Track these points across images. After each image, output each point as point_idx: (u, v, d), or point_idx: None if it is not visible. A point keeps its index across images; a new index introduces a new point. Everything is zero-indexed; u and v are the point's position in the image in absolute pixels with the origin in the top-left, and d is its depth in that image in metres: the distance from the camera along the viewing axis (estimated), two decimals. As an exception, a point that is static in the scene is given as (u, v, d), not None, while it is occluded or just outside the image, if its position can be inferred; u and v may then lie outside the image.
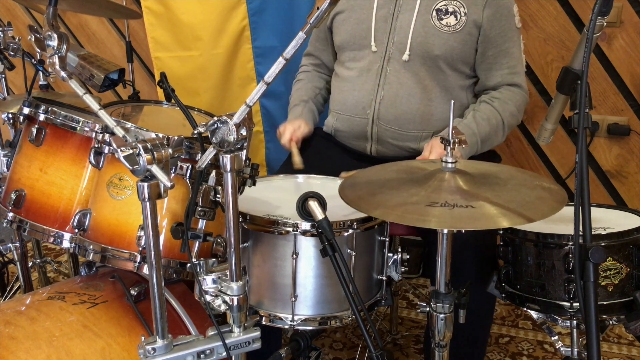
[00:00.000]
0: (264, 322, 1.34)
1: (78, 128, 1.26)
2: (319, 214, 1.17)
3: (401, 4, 1.76)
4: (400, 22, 1.75)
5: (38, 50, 1.14)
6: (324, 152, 1.90)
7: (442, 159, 1.24)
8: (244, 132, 0.98)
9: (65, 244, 1.26)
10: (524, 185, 1.23)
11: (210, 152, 1.04)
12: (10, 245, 2.01)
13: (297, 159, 1.78)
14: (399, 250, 1.42)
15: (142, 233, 1.19)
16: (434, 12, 1.72)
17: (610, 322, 1.38)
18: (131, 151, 0.91)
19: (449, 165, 1.23)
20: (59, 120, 1.27)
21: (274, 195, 1.54)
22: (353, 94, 1.82)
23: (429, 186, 1.19)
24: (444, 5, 1.72)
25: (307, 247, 1.31)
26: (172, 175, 1.18)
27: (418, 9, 1.73)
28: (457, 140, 1.21)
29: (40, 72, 2.06)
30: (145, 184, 0.92)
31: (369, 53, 1.79)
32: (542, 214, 1.10)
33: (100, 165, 1.24)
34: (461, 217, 1.08)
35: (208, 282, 1.07)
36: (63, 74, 1.11)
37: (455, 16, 1.70)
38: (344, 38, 1.85)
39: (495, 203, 1.13)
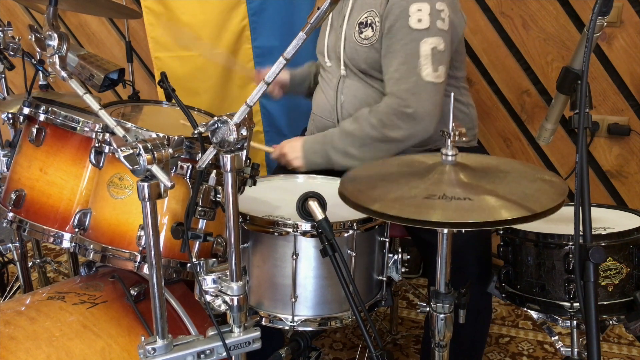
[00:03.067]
0: (264, 323, 1.34)
1: (78, 128, 1.26)
2: (319, 214, 1.17)
3: (344, 14, 1.76)
4: (341, 33, 1.76)
5: (38, 50, 1.14)
6: None
7: (441, 151, 1.23)
8: (244, 132, 0.98)
9: (65, 244, 1.26)
10: (524, 178, 1.22)
11: (211, 152, 1.04)
12: (10, 245, 2.01)
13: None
14: (399, 250, 1.42)
15: (142, 233, 1.19)
16: (357, 25, 1.69)
17: (611, 322, 1.38)
18: (131, 151, 0.91)
19: (449, 158, 1.23)
20: (59, 121, 1.27)
21: (274, 195, 1.54)
22: (322, 97, 1.86)
23: (428, 179, 1.18)
24: (365, 18, 1.67)
25: (307, 248, 1.31)
26: (172, 175, 1.17)
27: (347, 24, 1.73)
28: (457, 133, 1.21)
29: (40, 72, 2.06)
30: (146, 184, 0.92)
31: (327, 64, 1.85)
32: (542, 206, 1.09)
33: (101, 165, 1.24)
34: (459, 210, 1.07)
35: (208, 282, 1.07)
36: (63, 73, 1.11)
37: (372, 27, 1.65)
38: (317, 49, 1.92)
39: (495, 195, 1.12)
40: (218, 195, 1.15)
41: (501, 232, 1.44)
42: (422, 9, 1.56)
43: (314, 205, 1.18)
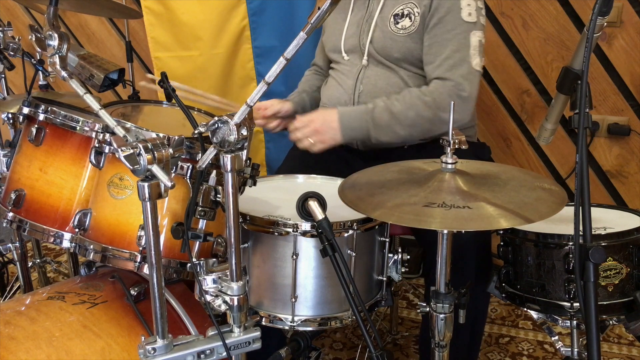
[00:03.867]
0: (264, 323, 1.34)
1: (78, 128, 1.26)
2: (319, 214, 1.17)
3: (371, 9, 1.82)
4: (369, 26, 1.81)
5: (38, 50, 1.14)
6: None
7: (441, 159, 1.24)
8: (244, 132, 0.98)
9: (65, 243, 1.26)
10: (524, 186, 1.23)
11: (211, 152, 1.04)
12: (10, 245, 2.01)
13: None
14: (399, 250, 1.42)
15: (142, 233, 1.19)
16: (392, 17, 1.77)
17: (611, 322, 1.38)
18: (132, 151, 0.91)
19: (449, 166, 1.23)
20: (58, 120, 1.27)
21: (274, 196, 1.54)
22: (337, 89, 1.88)
23: (428, 187, 1.19)
24: (401, 9, 1.76)
25: (307, 248, 1.31)
26: (173, 175, 1.17)
27: (378, 17, 1.79)
28: (457, 142, 1.21)
29: (40, 72, 2.06)
30: (146, 184, 0.92)
31: (344, 58, 1.88)
32: (540, 215, 1.10)
33: (101, 165, 1.24)
34: (458, 218, 1.08)
35: (208, 282, 1.07)
36: (63, 73, 1.11)
37: (410, 17, 1.73)
38: (327, 47, 1.96)
39: (494, 204, 1.13)
40: (218, 195, 1.15)
41: (501, 232, 1.44)
42: (471, 4, 1.70)
43: (314, 205, 1.18)
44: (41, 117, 1.29)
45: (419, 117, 1.68)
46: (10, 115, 1.41)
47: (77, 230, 1.25)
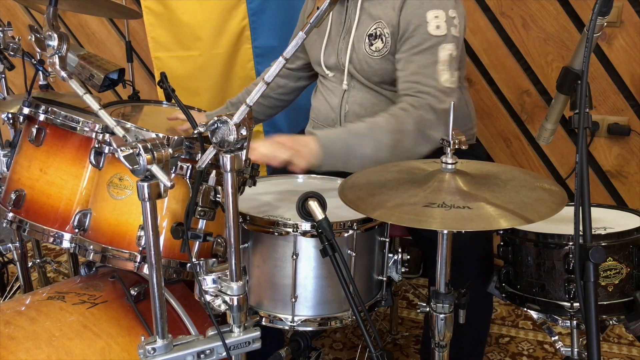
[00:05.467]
0: (264, 323, 1.35)
1: (78, 128, 1.26)
2: (319, 214, 1.17)
3: (349, 25, 1.73)
4: (346, 45, 1.72)
5: (38, 50, 1.14)
6: None
7: (441, 159, 1.24)
8: (244, 132, 0.98)
9: (65, 244, 1.26)
10: (524, 186, 1.23)
11: (211, 152, 1.04)
12: (10, 245, 2.01)
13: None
14: (399, 250, 1.42)
15: (142, 233, 1.19)
16: (367, 37, 1.68)
17: (611, 322, 1.38)
18: (131, 151, 0.91)
19: (449, 166, 1.23)
20: (59, 120, 1.27)
21: (274, 196, 1.54)
22: (324, 105, 1.83)
23: (428, 187, 1.19)
24: (374, 29, 1.67)
25: (307, 248, 1.31)
26: (172, 175, 1.17)
27: (354, 36, 1.70)
28: (457, 142, 1.21)
29: (40, 72, 2.06)
30: (145, 184, 0.92)
31: (328, 75, 1.81)
32: (540, 216, 1.10)
33: (101, 165, 1.24)
34: (458, 218, 1.08)
35: (208, 282, 1.07)
36: (63, 73, 1.11)
37: (382, 39, 1.65)
38: (312, 60, 1.88)
39: (494, 204, 1.13)
40: (218, 195, 1.15)
41: (501, 232, 1.44)
42: (439, 15, 1.58)
43: (314, 205, 1.18)
44: (41, 117, 1.29)
45: (402, 129, 1.52)
46: (10, 115, 1.41)
47: (76, 230, 1.25)
